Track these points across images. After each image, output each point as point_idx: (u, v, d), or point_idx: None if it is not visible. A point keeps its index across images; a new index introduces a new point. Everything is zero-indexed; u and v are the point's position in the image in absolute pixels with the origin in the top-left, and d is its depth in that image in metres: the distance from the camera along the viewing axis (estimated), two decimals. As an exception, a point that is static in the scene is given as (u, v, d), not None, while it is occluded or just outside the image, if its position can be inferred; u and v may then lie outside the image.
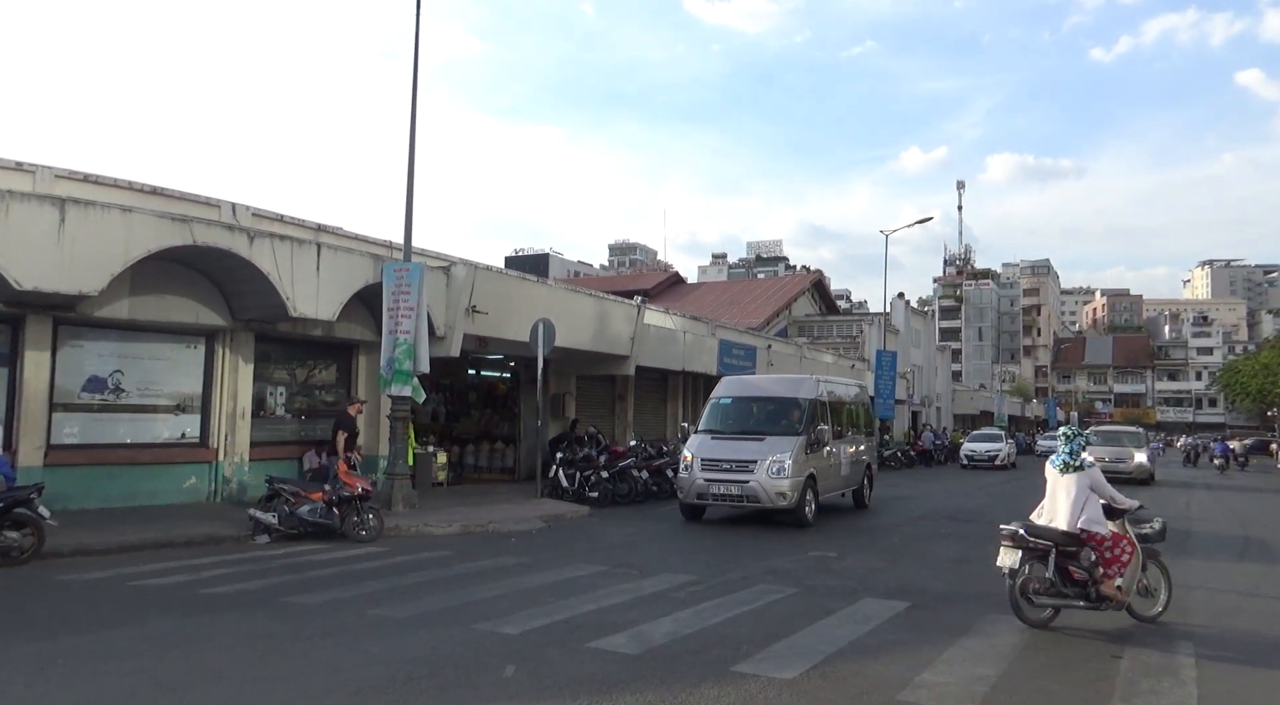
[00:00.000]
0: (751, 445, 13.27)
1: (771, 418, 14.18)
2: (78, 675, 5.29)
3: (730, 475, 12.98)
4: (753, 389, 15.38)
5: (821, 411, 14.24)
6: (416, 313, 13.55)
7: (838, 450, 14.77)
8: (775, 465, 12.80)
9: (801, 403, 14.11)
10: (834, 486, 14.68)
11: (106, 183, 13.85)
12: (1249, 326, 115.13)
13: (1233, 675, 5.86)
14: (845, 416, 15.95)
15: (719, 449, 13.40)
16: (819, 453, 13.74)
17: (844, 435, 15.35)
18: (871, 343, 38.48)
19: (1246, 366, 60.83)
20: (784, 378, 17.49)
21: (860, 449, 16.34)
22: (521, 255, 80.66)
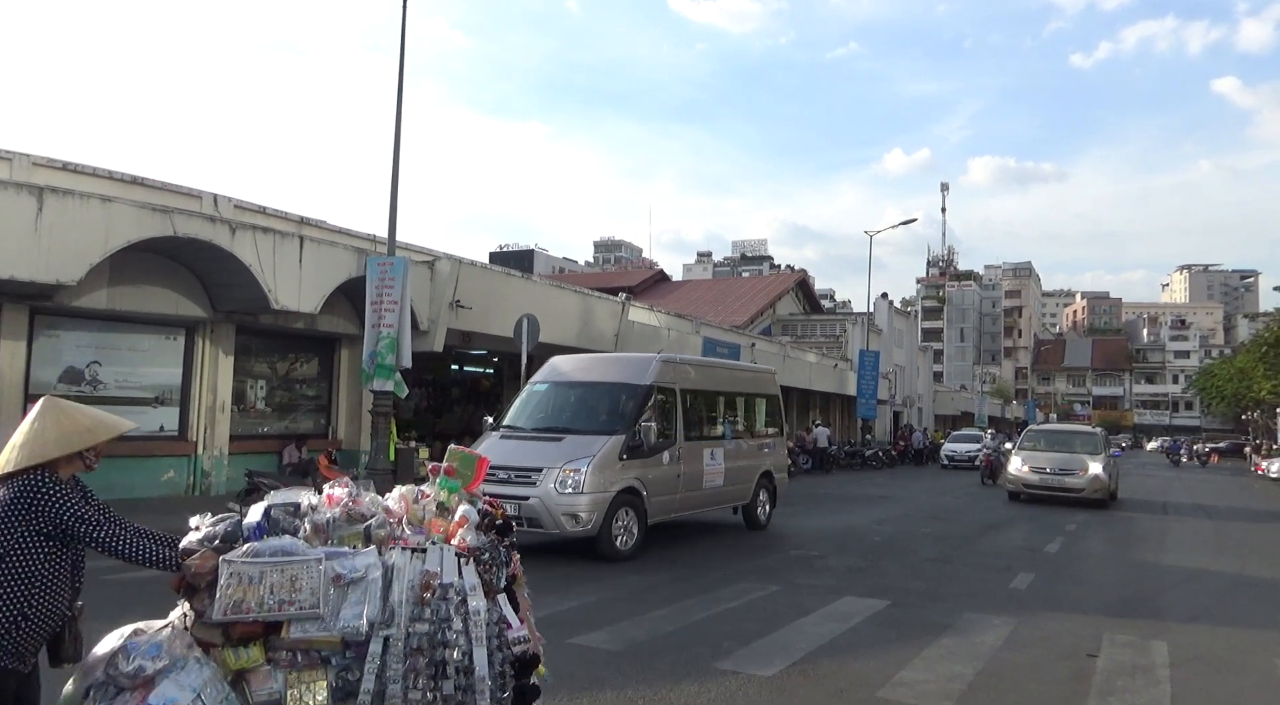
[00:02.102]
0: (544, 448, 9.79)
1: (590, 410, 10.69)
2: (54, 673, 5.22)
3: (507, 489, 9.06)
4: (579, 371, 11.46)
5: (667, 403, 10.74)
6: (400, 307, 13.46)
7: (705, 455, 11.24)
8: (568, 476, 9.22)
9: (634, 390, 10.41)
10: (694, 503, 11.19)
11: (86, 172, 13.69)
12: (1225, 331, 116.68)
13: (1205, 674, 5.95)
14: (731, 409, 12.66)
15: (504, 453, 9.64)
16: (654, 458, 10.13)
17: (722, 435, 11.99)
18: (855, 342, 38.67)
19: (1222, 370, 61.60)
20: (622, 357, 13.02)
21: (755, 453, 12.68)
22: (506, 251, 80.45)
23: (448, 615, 2.92)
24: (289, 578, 2.81)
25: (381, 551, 3.02)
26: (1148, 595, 8.82)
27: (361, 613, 2.82)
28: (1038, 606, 7.93)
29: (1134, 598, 8.65)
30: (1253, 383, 46.09)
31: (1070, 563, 10.60)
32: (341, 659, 2.83)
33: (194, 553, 2.90)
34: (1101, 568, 10.40)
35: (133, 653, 2.75)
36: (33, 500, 2.70)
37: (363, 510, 3.19)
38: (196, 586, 2.82)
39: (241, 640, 2.80)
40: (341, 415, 16.12)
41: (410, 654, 2.84)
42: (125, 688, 2.73)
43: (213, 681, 2.73)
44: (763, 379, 14.17)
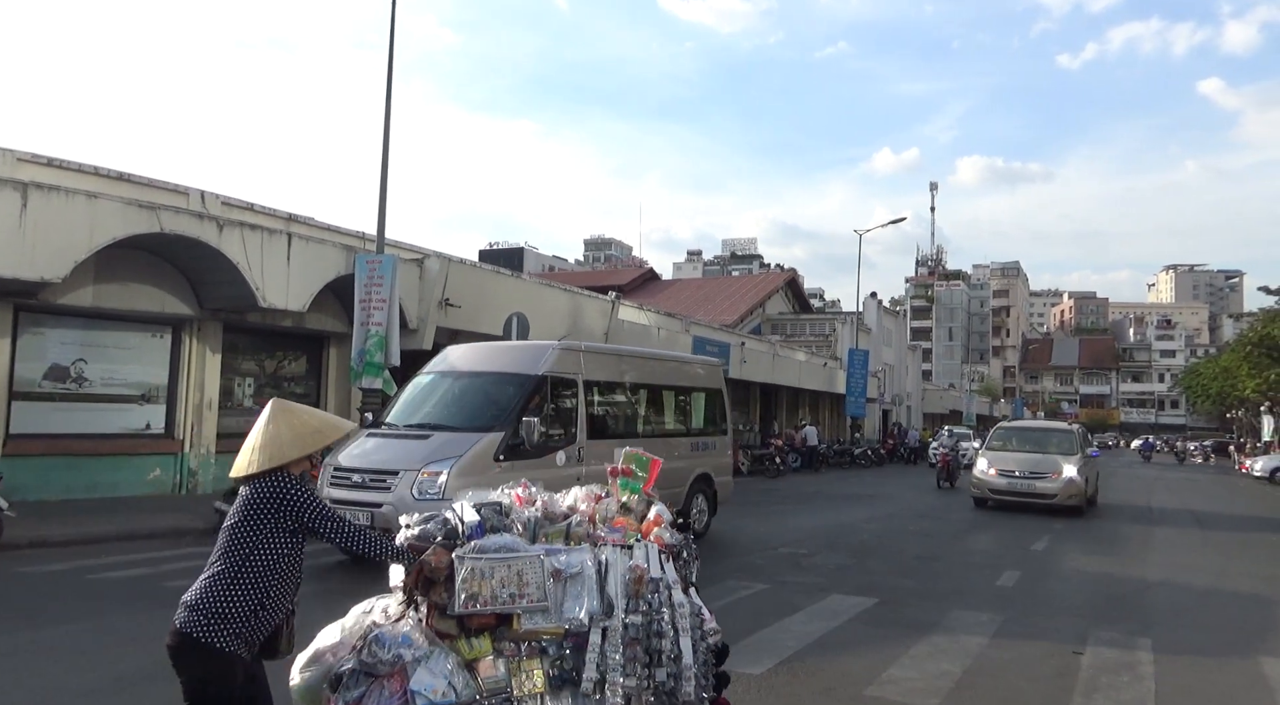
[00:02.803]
0: (407, 447, 8.61)
1: (469, 404, 9.35)
2: (34, 670, 5.19)
3: (358, 495, 8.22)
4: (466, 361, 10.10)
5: (566, 396, 9.54)
6: (389, 305, 13.42)
7: (618, 456, 10.18)
8: (426, 480, 8.03)
9: (522, 381, 9.14)
10: None
11: (71, 168, 13.57)
12: (1210, 330, 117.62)
13: (1189, 670, 6.00)
14: (657, 404, 11.39)
15: (362, 454, 8.75)
16: (545, 459, 8.88)
17: (643, 433, 10.76)
18: (844, 341, 38.80)
19: (1207, 369, 62.14)
20: (517, 345, 11.51)
21: (689, 453, 11.38)
22: (496, 249, 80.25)
23: (659, 608, 3.14)
24: (515, 573, 3.02)
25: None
26: (1133, 592, 8.89)
27: (583, 606, 3.05)
28: (1024, 604, 7.98)
29: (1119, 595, 8.72)
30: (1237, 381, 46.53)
31: (1057, 560, 10.67)
32: (558, 649, 3.03)
33: (420, 549, 3.08)
34: (1088, 565, 10.48)
35: (387, 642, 2.93)
36: (281, 499, 2.88)
37: (554, 509, 3.47)
38: (435, 580, 3.01)
39: (475, 631, 3.00)
40: (330, 413, 16.04)
41: (628, 644, 3.03)
42: (380, 675, 2.91)
43: (456, 670, 2.93)
44: (704, 372, 12.89)
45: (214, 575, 2.83)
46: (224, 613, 2.77)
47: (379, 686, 2.89)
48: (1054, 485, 15.64)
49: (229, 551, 2.84)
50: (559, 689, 2.97)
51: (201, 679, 2.77)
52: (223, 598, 2.78)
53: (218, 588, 2.80)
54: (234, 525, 2.87)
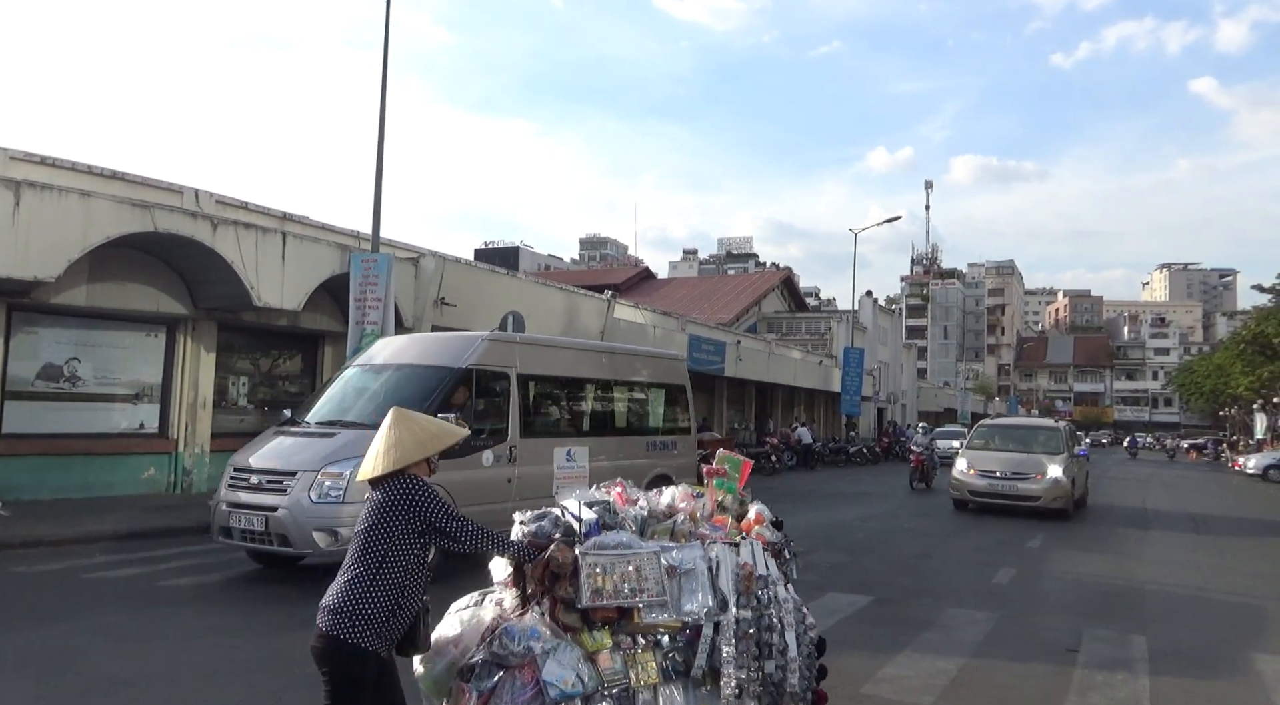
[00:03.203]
0: (311, 446, 7.92)
1: (386, 399, 8.25)
2: (28, 670, 5.16)
3: (255, 497, 7.64)
4: (392, 353, 9.33)
5: (496, 390, 8.83)
6: (384, 304, 13.39)
7: (559, 455, 9.23)
8: (326, 481, 7.41)
9: (444, 374, 8.45)
10: None
11: (64, 166, 13.51)
12: (1204, 328, 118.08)
13: (1184, 668, 6.02)
14: (606, 400, 10.62)
15: (266, 453, 8.07)
16: (467, 459, 8.11)
17: (589, 430, 10.13)
18: (839, 340, 38.84)
19: (1201, 367, 62.41)
20: (446, 336, 10.26)
21: (645, 452, 10.71)
22: (491, 248, 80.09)
23: (768, 603, 3.31)
24: (634, 569, 3.16)
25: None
26: (1128, 590, 8.92)
27: (698, 601, 3.18)
28: (1019, 602, 8.00)
29: (1114, 593, 8.74)
30: (1230, 379, 46.75)
31: (1052, 558, 10.69)
32: (670, 642, 3.17)
33: (541, 546, 3.22)
34: (1083, 563, 10.50)
35: (517, 635, 3.07)
36: (411, 501, 3.02)
37: (655, 507, 3.61)
38: (560, 575, 3.14)
39: (597, 625, 3.14)
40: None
41: (740, 637, 3.18)
42: (511, 666, 3.03)
43: (581, 661, 3.05)
44: (665, 367, 12.06)
45: (352, 578, 2.95)
46: (365, 613, 2.90)
47: (510, 677, 3.02)
48: (1037, 487, 14.62)
49: (364, 555, 2.96)
50: (670, 680, 3.11)
51: (345, 678, 2.91)
52: (362, 599, 2.91)
53: (357, 590, 2.92)
54: (367, 530, 2.99)
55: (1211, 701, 5.38)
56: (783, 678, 3.22)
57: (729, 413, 31.23)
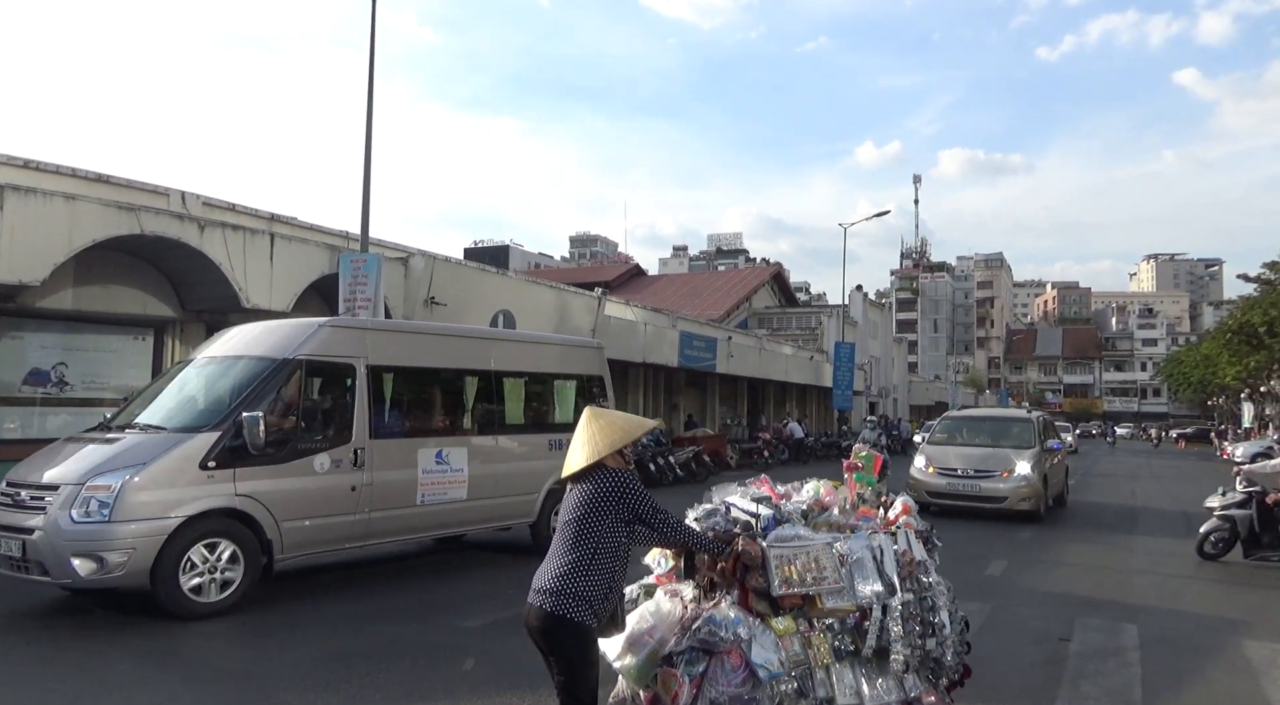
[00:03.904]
0: (85, 453, 6.71)
1: (195, 396, 7.46)
2: (28, 679, 5.13)
3: (12, 518, 6.45)
4: (224, 343, 8.11)
5: (336, 385, 7.81)
6: (374, 304, 13.35)
7: (425, 457, 8.14)
8: (91, 496, 6.21)
9: (264, 366, 7.29)
10: (404, 526, 8.04)
11: (49, 170, 13.40)
12: (1191, 318, 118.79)
13: (1175, 656, 6.07)
14: (494, 395, 9.27)
15: (42, 460, 6.90)
16: (292, 465, 7.08)
17: (468, 428, 8.95)
18: (830, 335, 38.93)
19: (1188, 357, 62.85)
20: (280, 325, 8.39)
21: (548, 452, 9.40)
22: (481, 246, 79.91)
23: (928, 585, 3.61)
24: (813, 558, 3.42)
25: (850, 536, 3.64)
26: (1119, 580, 8.99)
27: (869, 586, 3.45)
28: (1012, 592, 8.05)
29: (1106, 582, 8.81)
30: (1218, 369, 47.06)
31: (1044, 549, 10.76)
32: (841, 625, 3.44)
33: (727, 540, 3.46)
34: (1075, 554, 10.57)
35: (723, 624, 3.30)
36: (620, 492, 3.28)
37: (805, 501, 3.84)
38: (751, 567, 3.38)
39: (784, 611, 3.39)
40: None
41: (907, 618, 3.47)
42: (719, 651, 3.27)
43: (778, 645, 3.32)
44: (576, 354, 10.81)
45: (569, 563, 3.21)
46: (584, 595, 3.17)
47: (719, 661, 3.26)
48: (1004, 486, 12.90)
49: (578, 543, 3.22)
50: (840, 659, 3.40)
51: (574, 652, 3.20)
52: (582, 582, 3.18)
53: (576, 574, 3.19)
54: (577, 520, 3.25)
55: (1202, 688, 5.43)
56: (941, 653, 3.54)
57: (721, 409, 31.28)
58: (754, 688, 3.23)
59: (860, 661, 3.42)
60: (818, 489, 3.92)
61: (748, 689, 3.22)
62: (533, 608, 3.26)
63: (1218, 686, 5.46)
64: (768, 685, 3.24)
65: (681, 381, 28.30)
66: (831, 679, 3.36)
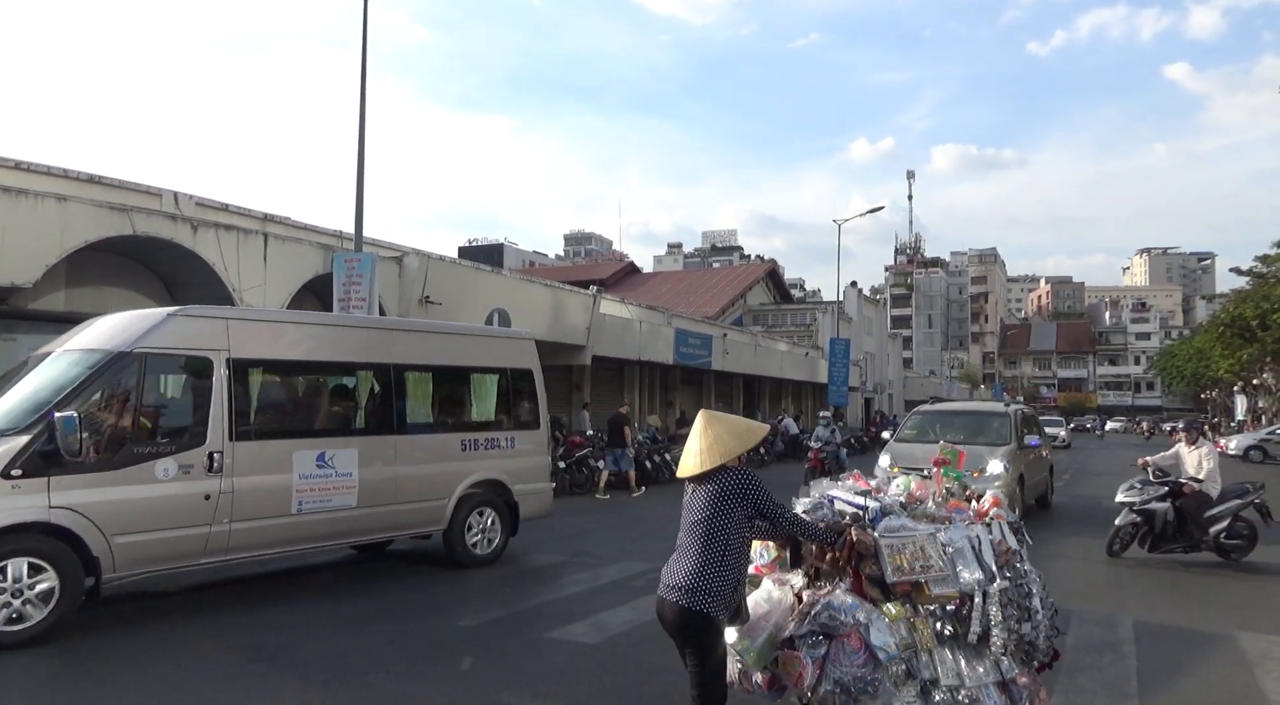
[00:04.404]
0: None
1: (18, 395, 6.57)
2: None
3: None
4: (74, 336, 7.33)
5: (186, 382, 7.08)
6: (368, 304, 13.33)
7: (302, 460, 7.34)
8: None
9: (95, 361, 6.54)
10: (278, 538, 7.21)
11: (40, 171, 13.35)
12: (1184, 312, 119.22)
13: (1170, 648, 6.10)
14: (395, 390, 8.35)
15: None
16: (124, 471, 6.27)
17: (360, 427, 8.22)
18: (825, 331, 38.98)
19: (1182, 351, 63.12)
20: (127, 316, 7.46)
21: (460, 454, 8.74)
22: (475, 245, 79.78)
23: (1023, 573, 3.79)
24: (919, 548, 3.61)
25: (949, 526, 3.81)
26: (1113, 572, 9.02)
27: (970, 574, 3.63)
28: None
29: (1100, 575, 8.84)
30: (1211, 362, 47.25)
31: (1038, 543, 10.75)
32: (941, 610, 3.61)
33: (840, 530, 3.66)
34: (1068, 547, 10.60)
35: (841, 608, 3.51)
36: (745, 490, 3.48)
37: (898, 495, 4.02)
38: (865, 556, 3.58)
39: (895, 597, 3.57)
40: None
41: (1005, 604, 3.64)
42: (837, 635, 3.47)
43: (892, 628, 3.50)
44: (500, 346, 9.77)
45: (702, 561, 3.38)
46: (717, 589, 3.36)
47: (840, 643, 3.47)
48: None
49: (709, 542, 3.40)
50: (942, 643, 3.59)
51: (709, 643, 3.40)
52: (715, 579, 3.36)
53: (708, 570, 3.36)
54: (706, 519, 3.43)
55: (1198, 680, 5.46)
56: (1035, 636, 3.73)
57: (717, 405, 31.28)
58: (875, 669, 3.43)
59: (960, 644, 3.61)
60: (908, 483, 4.10)
61: (869, 670, 3.42)
62: (668, 603, 3.43)
63: (1213, 678, 5.48)
64: (887, 666, 3.45)
65: (677, 379, 28.32)
66: (935, 661, 3.55)
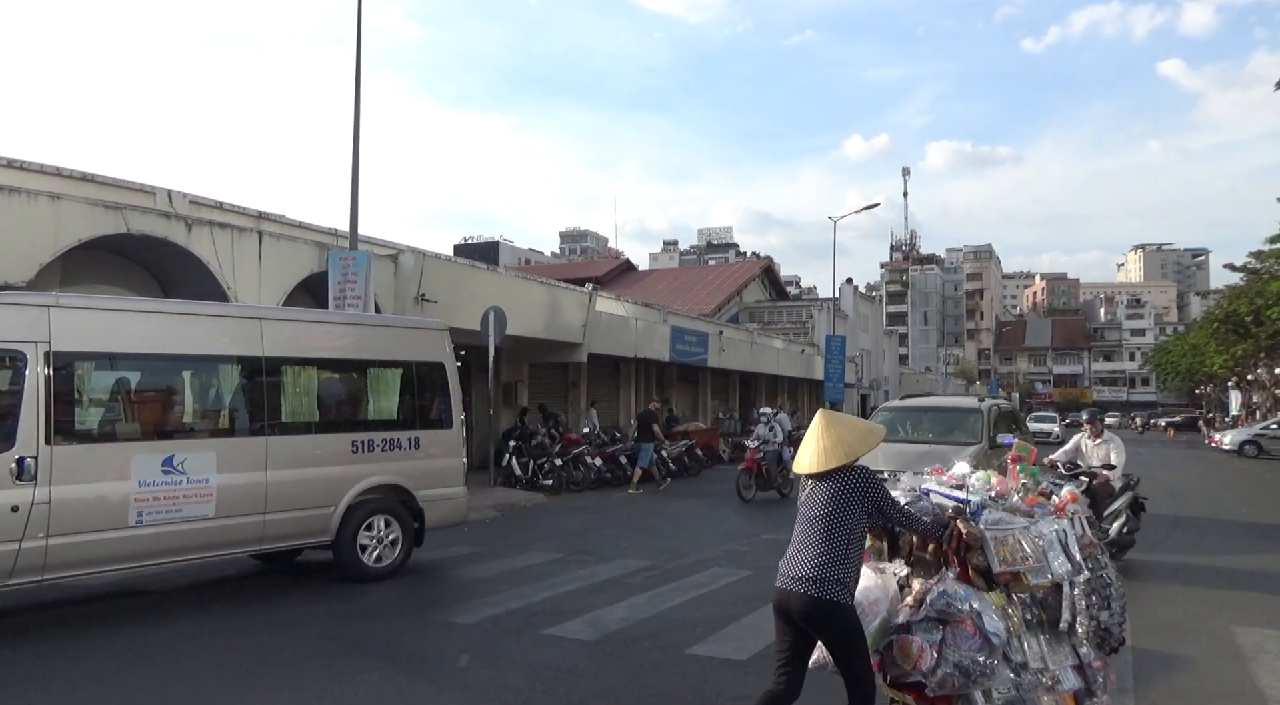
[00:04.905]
0: None
1: None
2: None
3: None
4: None
5: None
6: (364, 302, 13.30)
7: (141, 466, 6.61)
8: None
9: None
10: (112, 554, 6.45)
11: (33, 169, 13.28)
12: (1179, 308, 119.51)
13: (1165, 643, 6.11)
14: (267, 388, 7.54)
15: None
16: None
17: (226, 427, 7.43)
18: (821, 328, 39.00)
19: (1176, 347, 63.32)
20: None
21: (349, 457, 7.91)
22: (471, 243, 79.69)
23: (1103, 564, 4.07)
24: (1017, 541, 3.84)
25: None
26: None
27: (1060, 565, 3.87)
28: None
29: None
30: (1205, 358, 47.39)
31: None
32: (1031, 598, 3.85)
33: (945, 524, 3.87)
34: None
35: (956, 596, 3.70)
36: (867, 486, 3.68)
37: (981, 490, 4.19)
38: (972, 547, 3.79)
39: (998, 586, 3.79)
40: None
41: (1089, 593, 3.90)
42: (951, 621, 3.68)
43: (999, 614, 3.72)
44: (404, 338, 8.93)
45: (828, 553, 3.57)
46: (844, 579, 3.56)
47: (954, 629, 3.66)
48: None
49: (832, 535, 3.59)
50: (1029, 629, 3.81)
51: (844, 629, 3.58)
52: (840, 569, 3.56)
53: (834, 562, 3.56)
54: (829, 514, 3.62)
55: (1192, 674, 5.48)
56: (1112, 623, 3.99)
57: (713, 402, 31.32)
58: (990, 653, 3.64)
59: (1042, 630, 3.85)
60: (988, 478, 4.28)
61: (985, 653, 3.63)
62: (794, 594, 3.59)
63: (1208, 673, 5.50)
64: (999, 650, 3.66)
65: (673, 376, 28.31)
66: (1023, 645, 3.77)
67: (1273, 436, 32.19)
